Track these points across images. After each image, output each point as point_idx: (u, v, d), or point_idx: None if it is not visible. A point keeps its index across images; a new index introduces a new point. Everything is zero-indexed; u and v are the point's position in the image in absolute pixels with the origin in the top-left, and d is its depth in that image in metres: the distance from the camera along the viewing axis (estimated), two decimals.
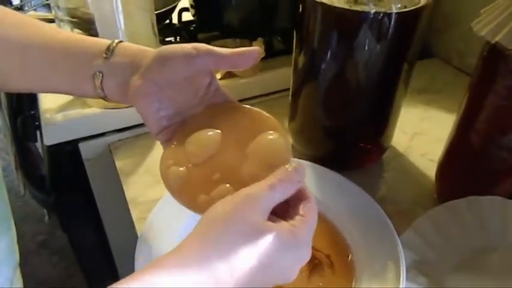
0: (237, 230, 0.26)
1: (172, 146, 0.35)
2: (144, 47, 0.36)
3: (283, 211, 0.30)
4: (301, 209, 0.30)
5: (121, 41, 0.36)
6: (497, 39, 0.37)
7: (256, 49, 0.34)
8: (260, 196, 0.28)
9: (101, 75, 0.35)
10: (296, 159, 0.31)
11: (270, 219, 0.28)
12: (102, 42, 0.36)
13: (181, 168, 0.34)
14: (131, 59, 0.35)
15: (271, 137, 0.33)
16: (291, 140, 0.60)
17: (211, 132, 0.35)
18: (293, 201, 0.31)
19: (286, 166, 0.30)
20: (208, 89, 0.37)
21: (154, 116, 0.35)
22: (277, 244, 0.26)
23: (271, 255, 0.26)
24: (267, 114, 0.35)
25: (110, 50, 0.35)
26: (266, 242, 0.26)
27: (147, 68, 0.34)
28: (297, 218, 0.29)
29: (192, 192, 0.32)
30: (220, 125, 0.35)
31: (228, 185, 0.32)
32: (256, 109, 0.36)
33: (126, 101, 0.36)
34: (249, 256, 0.25)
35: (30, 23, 0.37)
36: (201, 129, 0.35)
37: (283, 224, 0.28)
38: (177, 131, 0.36)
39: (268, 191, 0.28)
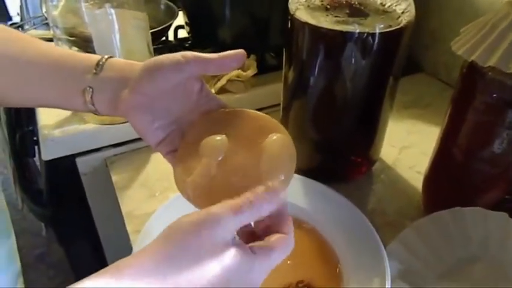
0: (193, 249, 0.26)
1: (182, 157, 0.36)
2: (132, 61, 0.37)
3: (264, 232, 0.30)
4: (272, 240, 0.29)
5: (111, 57, 0.37)
6: (473, 57, 0.39)
7: (240, 52, 0.35)
8: (223, 218, 0.27)
9: (91, 90, 0.36)
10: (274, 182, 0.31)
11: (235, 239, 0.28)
12: (93, 57, 0.37)
13: (196, 178, 0.34)
14: (120, 74, 0.36)
15: (278, 136, 0.34)
16: None
17: (219, 137, 0.35)
18: (273, 227, 0.30)
19: (261, 187, 0.29)
20: (200, 95, 0.38)
21: (149, 128, 0.36)
22: (229, 266, 0.26)
23: (221, 276, 0.26)
24: (265, 115, 0.36)
25: (99, 66, 0.36)
26: (218, 263, 0.26)
27: (136, 81, 0.35)
28: (262, 244, 0.29)
29: (216, 198, 0.32)
30: (223, 130, 0.35)
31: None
32: (254, 111, 0.37)
33: (117, 114, 0.36)
34: (200, 276, 0.25)
35: (22, 38, 0.38)
36: (205, 136, 0.35)
37: (244, 247, 0.28)
38: (180, 142, 0.37)
39: (233, 214, 0.27)
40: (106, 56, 0.37)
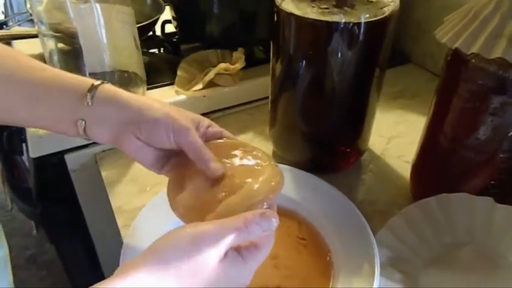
0: (188, 267, 0.28)
1: (176, 175, 0.38)
2: (126, 93, 0.37)
3: None
4: (257, 240, 0.32)
5: (102, 82, 0.37)
6: (456, 45, 0.40)
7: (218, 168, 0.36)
8: (224, 237, 0.29)
9: (83, 122, 0.36)
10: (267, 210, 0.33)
11: None
12: (84, 83, 0.36)
13: (188, 195, 0.36)
14: (114, 110, 0.36)
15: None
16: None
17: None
18: None
19: (259, 211, 0.32)
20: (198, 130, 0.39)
21: (143, 158, 0.38)
22: (223, 275, 0.29)
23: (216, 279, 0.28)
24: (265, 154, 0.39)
25: (91, 94, 0.35)
26: (212, 275, 0.28)
27: (130, 127, 0.36)
28: (249, 245, 0.31)
29: (201, 214, 0.34)
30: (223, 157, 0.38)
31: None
32: (251, 146, 0.39)
33: (110, 144, 0.38)
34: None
35: (15, 57, 0.37)
36: None
37: (233, 254, 0.30)
38: (173, 163, 0.39)
39: (234, 233, 0.30)
40: (96, 83, 0.36)
